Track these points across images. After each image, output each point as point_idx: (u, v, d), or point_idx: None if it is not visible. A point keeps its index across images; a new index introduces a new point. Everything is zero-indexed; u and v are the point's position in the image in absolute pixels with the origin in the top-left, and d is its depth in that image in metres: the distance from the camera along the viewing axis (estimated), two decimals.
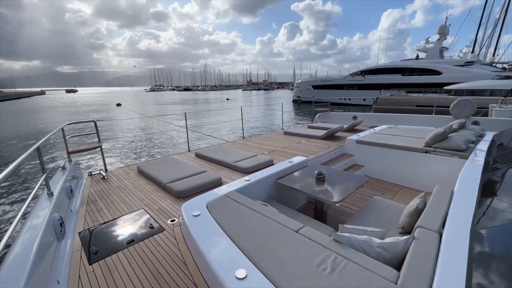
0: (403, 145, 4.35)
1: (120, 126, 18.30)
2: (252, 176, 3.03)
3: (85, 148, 3.94)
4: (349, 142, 5.09)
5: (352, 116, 8.40)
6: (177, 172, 3.71)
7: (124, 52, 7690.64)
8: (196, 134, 14.33)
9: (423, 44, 31.99)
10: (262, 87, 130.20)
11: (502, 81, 17.05)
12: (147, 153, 11.18)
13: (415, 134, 4.99)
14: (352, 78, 34.48)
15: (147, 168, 3.98)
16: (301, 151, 5.03)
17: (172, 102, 48.98)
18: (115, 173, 4.18)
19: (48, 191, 2.39)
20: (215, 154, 4.74)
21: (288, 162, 3.56)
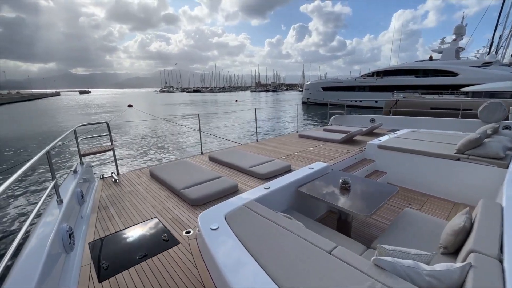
0: (431, 151, 4.05)
1: (132, 128, 18.17)
2: (271, 184, 2.84)
3: (97, 151, 3.84)
4: (370, 147, 4.82)
5: (370, 119, 8.08)
6: (191, 177, 3.55)
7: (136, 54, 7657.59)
8: (208, 136, 14.20)
9: (437, 44, 31.11)
10: (270, 88, 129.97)
11: None
12: (159, 155, 10.96)
13: (441, 139, 4.67)
14: (364, 79, 33.83)
15: (159, 172, 3.85)
16: (319, 156, 4.80)
17: (181, 103, 49.42)
18: (127, 176, 4.08)
19: (57, 198, 2.26)
20: (229, 157, 4.57)
21: (308, 168, 3.34)
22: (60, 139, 2.82)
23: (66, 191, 2.53)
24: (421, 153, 4.14)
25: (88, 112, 33.34)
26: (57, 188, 2.26)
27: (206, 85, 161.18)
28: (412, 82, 29.03)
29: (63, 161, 10.28)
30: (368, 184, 3.03)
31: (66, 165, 9.67)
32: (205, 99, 62.43)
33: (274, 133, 15.40)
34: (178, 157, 9.90)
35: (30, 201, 6.63)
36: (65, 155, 11.07)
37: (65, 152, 11.44)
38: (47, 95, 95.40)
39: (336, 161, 4.35)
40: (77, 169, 3.25)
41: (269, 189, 2.71)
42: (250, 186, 3.46)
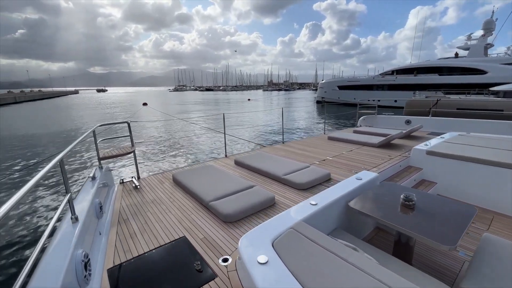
0: (496, 160, 3.45)
1: (150, 127, 17.66)
2: (318, 199, 2.38)
3: (118, 153, 3.52)
4: (417, 153, 4.26)
5: (405, 120, 7.42)
6: (219, 186, 3.18)
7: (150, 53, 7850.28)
8: (229, 137, 13.58)
9: (459, 41, 29.37)
10: (282, 87, 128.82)
11: None
12: (180, 158, 10.31)
13: (499, 145, 4.04)
14: (382, 78, 32.52)
15: (183, 178, 3.51)
16: (358, 162, 4.31)
17: (194, 102, 49.63)
18: (148, 181, 3.78)
19: (72, 215, 1.90)
20: (258, 162, 4.17)
21: (355, 179, 2.85)
22: (77, 142, 2.47)
23: (83, 204, 2.18)
24: (482, 161, 3.55)
25: (106, 109, 33.96)
26: (72, 203, 1.91)
27: (218, 84, 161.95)
28: (435, 80, 27.57)
29: (79, 165, 9.65)
30: (434, 201, 2.51)
31: (82, 169, 9.06)
32: (217, 98, 62.50)
33: (296, 134, 14.64)
34: (200, 159, 9.58)
35: (42, 217, 5.59)
36: (82, 158, 10.47)
37: (82, 154, 10.96)
38: (67, 93, 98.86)
39: (380, 169, 3.83)
40: (96, 175, 2.92)
41: (316, 206, 2.25)
42: (288, 199, 3.04)
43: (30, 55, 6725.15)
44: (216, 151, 11.00)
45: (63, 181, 1.88)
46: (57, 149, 11.59)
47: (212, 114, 25.60)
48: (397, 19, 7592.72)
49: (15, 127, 18.39)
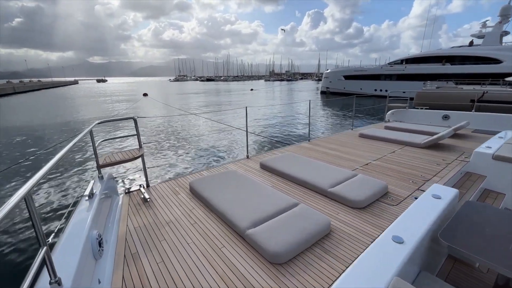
0: None
1: (155, 122, 15.41)
2: (401, 231, 1.72)
3: (123, 159, 2.87)
4: (480, 158, 3.60)
5: (443, 116, 6.70)
6: (252, 201, 2.56)
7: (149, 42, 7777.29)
8: (243, 132, 12.21)
9: (462, 30, 28.17)
10: (285, 77, 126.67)
11: None
12: (194, 158, 8.72)
13: None
14: (391, 67, 31.40)
15: (203, 189, 2.92)
16: (409, 168, 3.68)
17: (196, 92, 48.59)
18: (160, 191, 3.17)
19: (52, 279, 1.21)
20: (289, 167, 3.52)
21: (432, 196, 2.20)
22: (66, 151, 1.71)
23: (74, 245, 1.54)
24: None
25: (106, 99, 33.11)
26: (50, 261, 1.19)
27: (219, 74, 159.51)
28: (447, 70, 26.51)
29: (70, 177, 7.15)
30: None
31: (76, 182, 6.78)
32: (219, 88, 61.29)
33: (318, 130, 13.27)
34: (218, 161, 8.33)
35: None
36: (75, 165, 8.13)
37: (78, 159, 8.64)
38: (66, 84, 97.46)
39: (442, 178, 3.21)
40: (94, 190, 2.27)
41: (404, 245, 1.60)
42: (345, 223, 2.40)
43: (28, 44, 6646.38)
44: (236, 150, 9.46)
45: (34, 227, 1.14)
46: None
47: (231, 107, 23.23)
48: (402, 6, 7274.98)
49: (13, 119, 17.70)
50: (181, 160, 8.56)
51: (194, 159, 8.61)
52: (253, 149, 9.24)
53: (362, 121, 15.23)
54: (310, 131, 5.73)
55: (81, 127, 14.56)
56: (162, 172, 7.49)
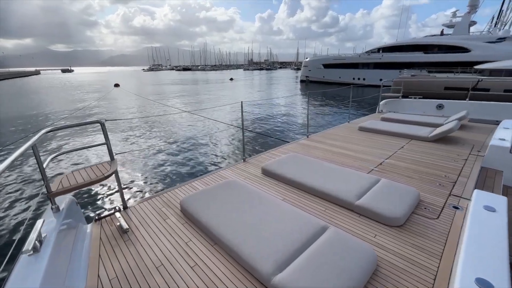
0: None
1: (130, 122, 12.55)
2: (487, 273, 1.30)
3: (87, 181, 2.07)
4: (497, 152, 3.40)
5: (437, 105, 6.59)
6: (267, 226, 2.03)
7: (119, 29, 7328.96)
8: (237, 130, 10.81)
9: (430, 20, 29.35)
10: (264, 66, 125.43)
11: None
12: (181, 165, 7.14)
13: None
14: (368, 56, 31.91)
15: (199, 209, 2.31)
16: (427, 167, 3.39)
17: (173, 82, 46.30)
18: (142, 214, 2.47)
19: None
20: (297, 172, 3.06)
21: (485, 209, 1.83)
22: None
23: None
24: None
25: (72, 92, 30.29)
26: None
27: (196, 63, 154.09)
28: (421, 59, 27.42)
29: (7, 212, 4.90)
30: None
31: (13, 224, 4.51)
32: (197, 78, 59.03)
33: (312, 123, 12.18)
34: (209, 165, 7.09)
35: None
36: (15, 192, 5.61)
37: (14, 185, 5.94)
38: (26, 74, 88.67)
39: (466, 177, 3.01)
40: (44, 235, 1.57)
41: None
42: (391, 251, 1.93)
43: None
44: (230, 152, 8.21)
45: None
46: None
47: (218, 100, 21.28)
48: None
49: None
50: (165, 168, 6.99)
51: (182, 166, 7.13)
52: (249, 149, 8.19)
53: (354, 112, 14.52)
54: (303, 125, 5.29)
55: (36, 128, 11.63)
56: (143, 185, 5.98)
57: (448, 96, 7.85)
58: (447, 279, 1.66)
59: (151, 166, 7.08)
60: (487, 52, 23.87)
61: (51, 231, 1.64)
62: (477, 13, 27.75)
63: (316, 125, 11.80)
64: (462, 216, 2.33)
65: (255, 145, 8.83)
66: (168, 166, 7.09)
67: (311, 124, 11.81)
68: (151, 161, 7.46)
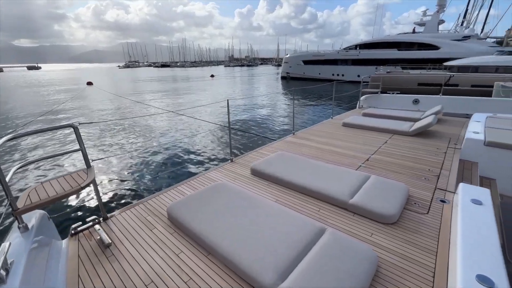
0: None
1: (107, 124, 11.61)
2: (485, 269, 1.34)
3: (60, 194, 1.85)
4: (472, 144, 3.61)
5: (413, 100, 6.92)
6: (263, 232, 1.95)
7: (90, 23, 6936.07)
8: (223, 128, 10.49)
9: (403, 18, 30.85)
10: (245, 63, 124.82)
11: None
12: (166, 167, 6.85)
13: None
14: (346, 52, 32.75)
15: (189, 217, 2.17)
16: (412, 161, 3.52)
17: (152, 79, 44.73)
18: (125, 225, 2.28)
19: None
20: (287, 171, 3.03)
21: (472, 203, 1.94)
22: None
23: None
24: None
25: (40, 91, 28.24)
26: None
27: (175, 59, 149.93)
28: (394, 55, 28.57)
29: None
30: None
31: None
32: (176, 75, 57.49)
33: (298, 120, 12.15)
34: (195, 167, 6.81)
35: None
36: None
37: None
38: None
39: (448, 170, 3.14)
40: (10, 261, 1.40)
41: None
42: (388, 250, 1.94)
43: None
44: (216, 152, 7.89)
45: None
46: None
47: (209, 101, 20.12)
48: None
49: None
50: (148, 173, 6.54)
51: (166, 170, 6.76)
52: (235, 149, 7.95)
53: (336, 108, 14.61)
54: (289, 122, 5.37)
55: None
56: (124, 193, 5.53)
57: (422, 91, 8.31)
58: (445, 276, 1.67)
59: (133, 171, 6.60)
60: (454, 49, 25.37)
61: (19, 255, 1.47)
62: (445, 12, 29.39)
63: (301, 122, 11.85)
64: (450, 209, 2.39)
65: (241, 144, 8.63)
66: (151, 170, 6.69)
67: (295, 121, 11.89)
68: (133, 165, 6.99)
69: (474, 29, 27.97)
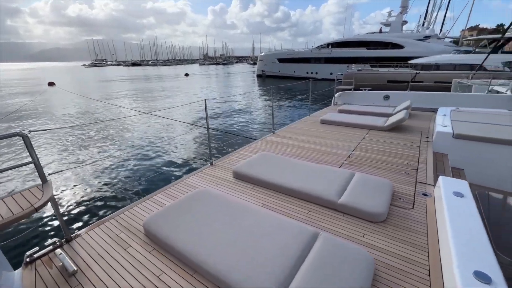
0: None
1: (67, 130, 10.08)
2: (481, 265, 1.35)
3: (9, 219, 1.52)
4: (442, 137, 3.86)
5: (384, 96, 7.28)
6: (255, 241, 1.82)
7: (49, 19, 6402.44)
8: (202, 129, 9.97)
9: (371, 19, 32.60)
10: (220, 61, 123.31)
11: (470, 56, 17.72)
12: (139, 174, 6.25)
13: (507, 121, 4.03)
14: (319, 51, 33.67)
15: (170, 231, 1.96)
16: (391, 156, 3.64)
17: (122, 79, 42.45)
18: (93, 246, 1.98)
19: None
20: (272, 173, 2.92)
21: (453, 195, 2.01)
22: None
23: None
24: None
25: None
26: None
27: (146, 58, 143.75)
28: (364, 54, 29.94)
29: None
30: None
31: None
32: (148, 74, 55.11)
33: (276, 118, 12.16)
34: (173, 172, 6.41)
35: None
36: None
37: None
38: None
39: (424, 163, 3.30)
40: None
41: (492, 286, 1.26)
42: (383, 251, 1.91)
43: None
44: (194, 155, 7.45)
45: None
46: None
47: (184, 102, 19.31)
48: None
49: None
50: (119, 183, 5.83)
51: (140, 178, 6.10)
52: (215, 151, 7.59)
53: (312, 105, 14.92)
54: (268, 121, 5.35)
55: None
56: (92, 208, 4.81)
57: (391, 87, 8.81)
58: (440, 273, 1.65)
59: (101, 183, 5.92)
60: (417, 48, 27.18)
61: None
62: (407, 13, 31.35)
63: (280, 120, 11.84)
64: (433, 202, 2.43)
65: (221, 145, 8.27)
66: (123, 180, 6.05)
67: (274, 119, 11.88)
68: (100, 176, 6.26)
69: (434, 30, 30.16)
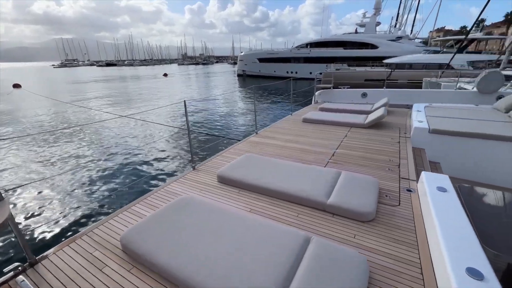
0: (496, 134, 3.51)
1: (18, 136, 9.29)
2: (473, 261, 1.36)
3: None
4: (419, 133, 4.02)
5: (361, 93, 7.54)
6: (246, 249, 1.74)
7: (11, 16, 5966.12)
8: (183, 131, 9.64)
9: (347, 20, 33.81)
10: (200, 61, 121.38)
11: (438, 56, 18.87)
12: (114, 183, 5.83)
13: (480, 116, 4.31)
14: (298, 51, 34.20)
15: (149, 245, 1.77)
16: (373, 153, 3.71)
17: (96, 80, 40.35)
18: (64, 269, 1.72)
19: None
20: (258, 175, 2.83)
21: (437, 189, 2.06)
22: None
23: None
24: (484, 136, 3.57)
25: None
26: None
27: (122, 58, 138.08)
28: (341, 54, 30.88)
29: None
30: None
31: None
32: (124, 75, 52.87)
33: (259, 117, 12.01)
34: (152, 178, 6.07)
35: None
36: None
37: None
38: None
39: (405, 159, 3.40)
40: None
41: (484, 282, 1.26)
42: (376, 251, 1.87)
43: None
44: (175, 161, 7.10)
45: None
46: None
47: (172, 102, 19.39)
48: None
49: None
50: (93, 194, 5.35)
51: (116, 187, 5.57)
52: (196, 154, 7.20)
53: (293, 104, 15.10)
54: (250, 121, 5.31)
55: None
56: (60, 224, 4.36)
57: (368, 85, 9.18)
58: (431, 271, 1.64)
59: (70, 195, 5.35)
60: (390, 48, 28.49)
61: None
62: (380, 15, 32.76)
63: (262, 120, 11.76)
64: (417, 198, 2.46)
65: (203, 148, 7.97)
66: (96, 190, 5.54)
67: (258, 119, 11.81)
68: (70, 187, 5.66)
69: (405, 31, 31.74)
